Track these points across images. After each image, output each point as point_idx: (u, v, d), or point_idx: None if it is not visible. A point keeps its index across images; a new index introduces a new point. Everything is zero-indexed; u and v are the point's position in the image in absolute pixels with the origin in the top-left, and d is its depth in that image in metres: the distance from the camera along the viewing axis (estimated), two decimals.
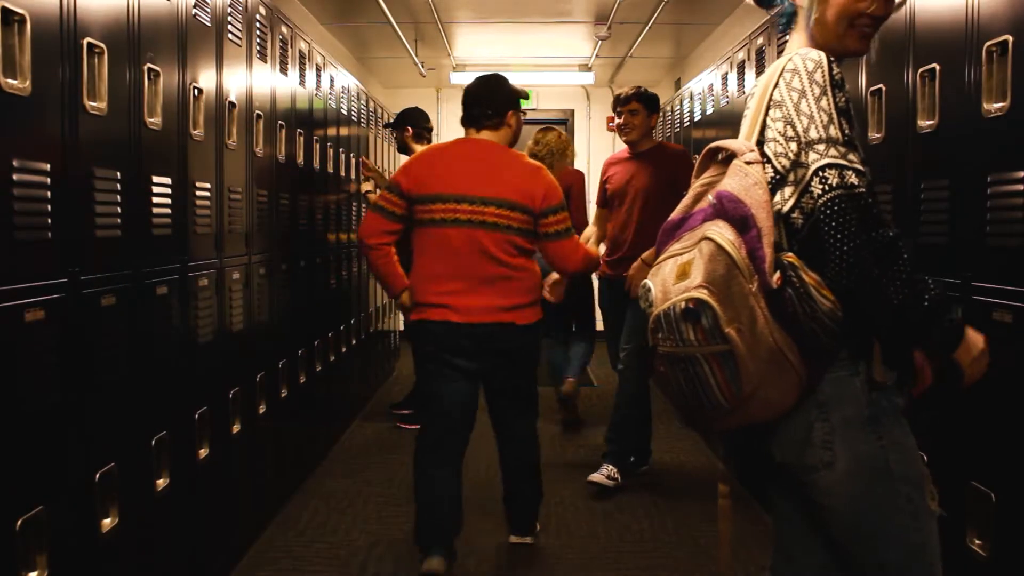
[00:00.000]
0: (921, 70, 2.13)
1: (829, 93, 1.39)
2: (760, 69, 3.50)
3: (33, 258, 1.68)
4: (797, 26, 1.54)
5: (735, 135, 1.55)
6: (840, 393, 1.41)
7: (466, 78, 7.61)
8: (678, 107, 5.32)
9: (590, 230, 4.07)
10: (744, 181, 1.40)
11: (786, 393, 1.38)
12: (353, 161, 4.88)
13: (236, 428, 2.85)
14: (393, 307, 6.57)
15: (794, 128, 1.41)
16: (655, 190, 3.71)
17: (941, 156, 2.08)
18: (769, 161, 1.44)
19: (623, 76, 7.84)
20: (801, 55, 1.43)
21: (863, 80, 2.50)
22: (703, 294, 1.35)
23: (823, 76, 1.40)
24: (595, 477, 3.71)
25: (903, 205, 2.25)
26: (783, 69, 1.44)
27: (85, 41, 1.84)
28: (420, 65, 7.13)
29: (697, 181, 1.53)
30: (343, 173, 4.61)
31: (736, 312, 1.34)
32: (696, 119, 4.81)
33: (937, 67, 2.06)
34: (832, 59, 1.42)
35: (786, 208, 1.42)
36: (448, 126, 8.41)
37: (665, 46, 6.78)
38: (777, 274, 1.35)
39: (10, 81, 1.58)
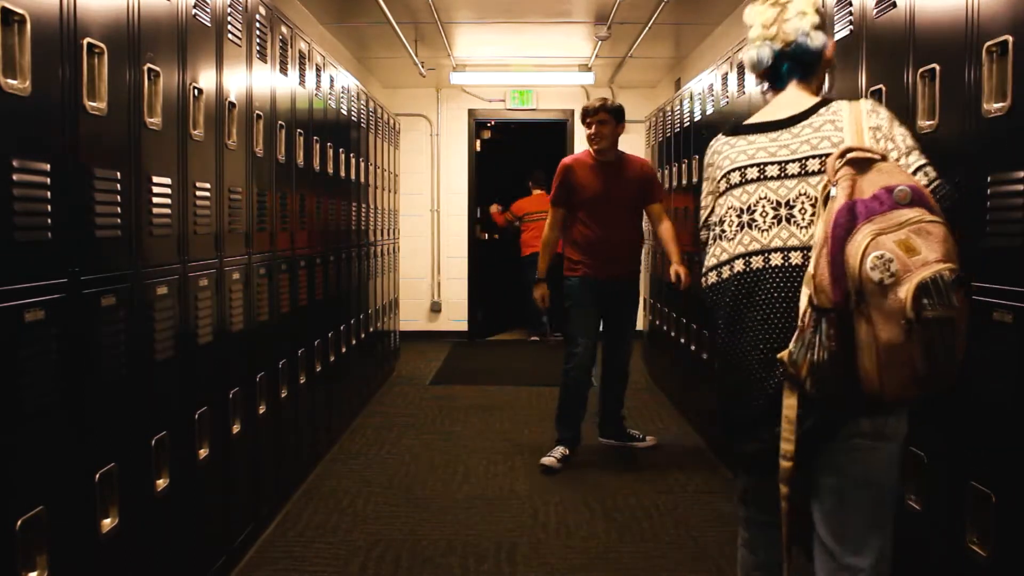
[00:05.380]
0: (921, 70, 2.12)
1: (896, 120, 1.75)
2: None
3: (33, 258, 1.68)
4: (814, 75, 1.88)
5: None
6: None
7: (466, 78, 7.70)
8: (678, 107, 5.32)
9: (551, 233, 4.31)
10: (909, 177, 1.61)
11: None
12: (354, 161, 4.88)
13: (236, 428, 2.85)
14: (393, 307, 6.58)
15: (894, 142, 1.71)
16: (634, 196, 4.23)
17: (941, 156, 2.07)
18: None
19: (623, 76, 7.84)
20: (869, 102, 1.79)
21: (863, 80, 2.50)
22: (955, 266, 1.49)
23: (886, 111, 1.78)
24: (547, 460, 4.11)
25: None
26: (863, 111, 1.76)
27: (85, 41, 1.84)
28: (420, 65, 7.13)
29: (835, 175, 1.63)
30: (343, 173, 4.61)
31: None
32: (696, 119, 4.80)
33: (937, 67, 2.06)
34: None
35: None
36: (448, 126, 8.42)
37: (665, 46, 6.78)
38: None
39: (10, 81, 1.58)
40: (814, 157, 1.74)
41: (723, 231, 1.83)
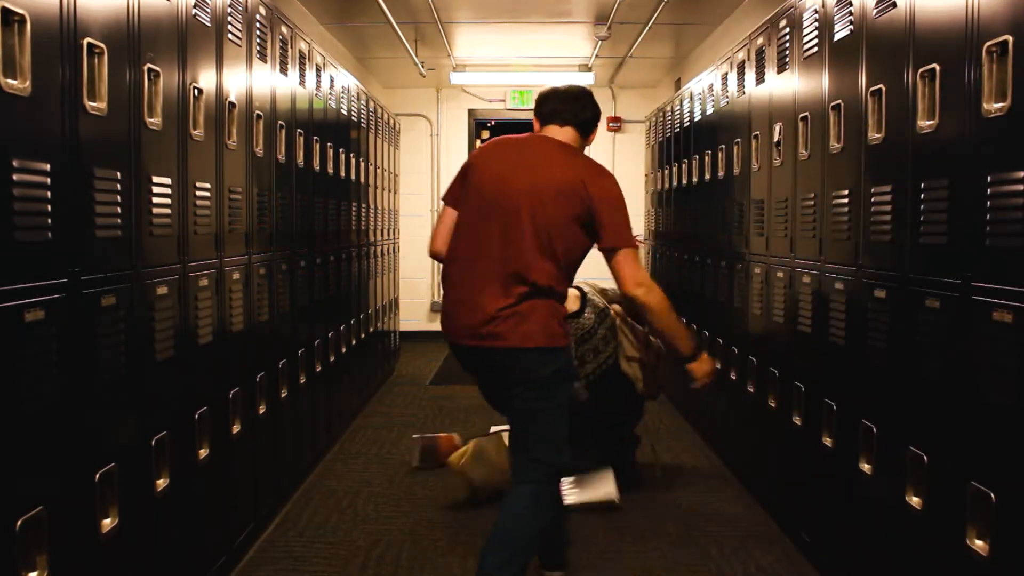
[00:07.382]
0: (921, 70, 2.12)
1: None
2: (760, 69, 3.50)
3: (33, 258, 1.68)
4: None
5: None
6: None
7: (466, 78, 7.71)
8: (678, 107, 5.32)
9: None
10: None
11: None
12: (354, 161, 4.88)
13: (236, 428, 2.85)
14: (393, 307, 6.57)
15: None
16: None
17: (941, 156, 2.07)
18: None
19: (623, 76, 7.84)
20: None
21: (863, 80, 2.50)
22: None
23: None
24: None
25: (903, 205, 2.25)
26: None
27: (85, 41, 1.84)
28: (420, 65, 7.13)
29: None
30: (343, 173, 4.61)
31: None
32: (696, 119, 4.81)
33: (937, 67, 2.06)
34: None
35: None
36: (448, 126, 8.42)
37: (665, 46, 6.78)
38: None
39: (10, 81, 1.58)
40: None
41: None
